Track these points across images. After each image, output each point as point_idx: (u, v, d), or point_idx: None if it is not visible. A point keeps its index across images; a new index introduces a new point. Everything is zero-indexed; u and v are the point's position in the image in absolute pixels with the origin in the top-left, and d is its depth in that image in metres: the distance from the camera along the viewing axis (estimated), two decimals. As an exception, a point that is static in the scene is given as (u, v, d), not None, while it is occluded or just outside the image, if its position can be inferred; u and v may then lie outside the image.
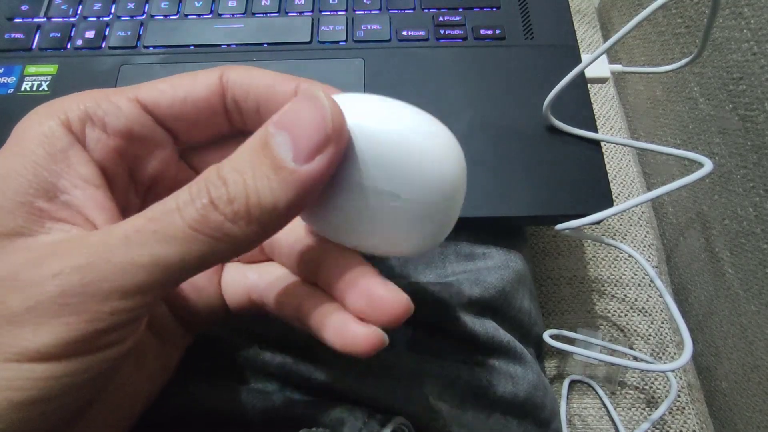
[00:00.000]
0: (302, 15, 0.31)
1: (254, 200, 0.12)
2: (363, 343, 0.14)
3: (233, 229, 0.12)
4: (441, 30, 0.30)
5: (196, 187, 0.12)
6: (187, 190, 0.12)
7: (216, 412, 0.19)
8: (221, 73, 0.16)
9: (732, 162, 0.31)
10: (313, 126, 0.12)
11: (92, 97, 0.15)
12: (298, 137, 0.12)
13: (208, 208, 0.12)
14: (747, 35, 0.29)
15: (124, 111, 0.15)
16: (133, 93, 0.15)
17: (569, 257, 0.36)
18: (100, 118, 0.15)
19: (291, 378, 0.21)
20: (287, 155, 0.12)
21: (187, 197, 0.12)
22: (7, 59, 0.30)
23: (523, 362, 0.25)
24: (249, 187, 0.12)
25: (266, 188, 0.12)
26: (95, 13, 0.31)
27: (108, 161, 0.15)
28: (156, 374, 0.17)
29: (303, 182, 0.12)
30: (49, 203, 0.13)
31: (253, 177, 0.12)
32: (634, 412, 0.32)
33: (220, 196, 0.12)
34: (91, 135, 0.14)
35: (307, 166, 0.12)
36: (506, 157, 0.27)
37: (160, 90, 0.15)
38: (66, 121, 0.14)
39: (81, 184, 0.14)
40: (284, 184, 0.12)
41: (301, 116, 0.12)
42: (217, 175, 0.12)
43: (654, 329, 0.34)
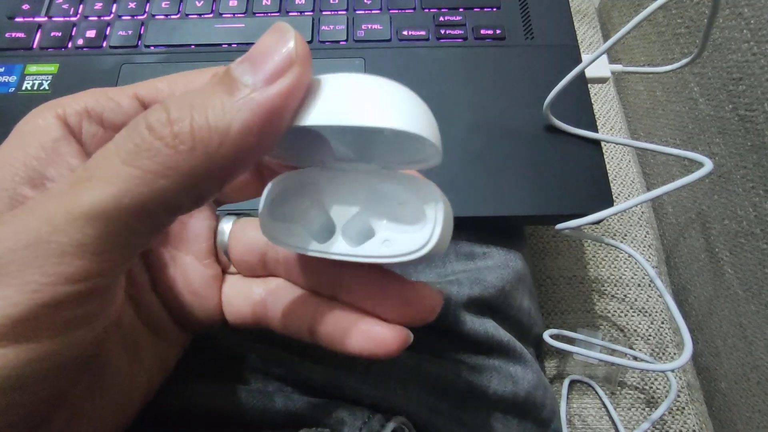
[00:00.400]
0: (303, 14, 0.31)
1: (201, 120, 0.10)
2: (392, 342, 0.14)
3: (173, 156, 0.10)
4: (441, 30, 0.31)
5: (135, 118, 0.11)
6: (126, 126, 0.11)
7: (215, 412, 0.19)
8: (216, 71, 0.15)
9: (732, 162, 0.31)
10: (276, 49, 0.11)
11: (92, 95, 0.15)
12: (258, 61, 0.11)
13: (144, 134, 0.10)
14: (747, 35, 0.29)
15: (122, 106, 0.15)
16: (132, 90, 0.15)
17: (569, 257, 0.36)
18: (98, 114, 0.15)
19: (291, 378, 0.21)
20: (246, 79, 0.11)
21: (124, 131, 0.11)
22: (8, 58, 0.30)
23: (523, 362, 0.25)
24: (196, 106, 0.11)
25: (218, 108, 0.11)
26: (96, 13, 0.31)
27: None
28: (153, 370, 0.17)
29: (262, 103, 0.11)
30: (33, 190, 0.13)
31: (202, 99, 0.11)
32: (634, 412, 0.32)
33: (159, 118, 0.11)
34: (87, 129, 0.14)
35: (267, 87, 0.11)
36: (506, 157, 0.27)
37: (158, 88, 0.15)
38: (63, 115, 0.14)
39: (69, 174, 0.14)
40: (240, 104, 0.11)
41: (263, 43, 0.11)
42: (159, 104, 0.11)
43: (654, 329, 0.34)
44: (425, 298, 0.15)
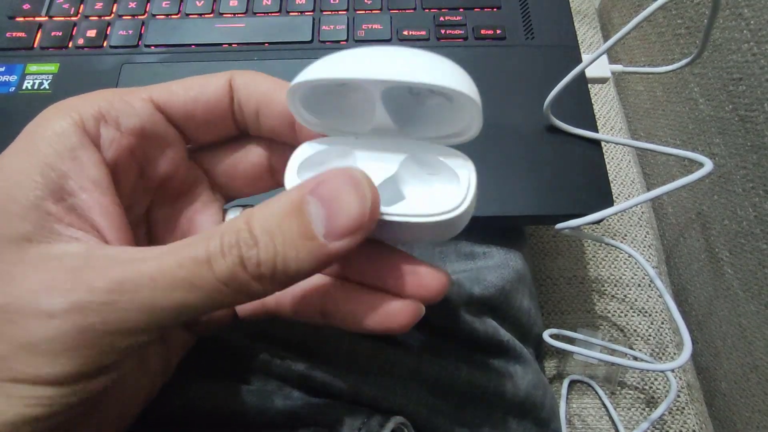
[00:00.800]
0: (303, 14, 0.31)
1: (281, 267, 0.13)
2: (405, 315, 0.15)
3: (255, 286, 0.13)
4: (441, 30, 0.31)
5: (227, 239, 0.13)
6: (219, 242, 0.13)
7: (215, 411, 0.19)
8: (231, 76, 0.16)
9: (732, 162, 0.31)
10: (352, 211, 0.13)
11: (105, 97, 0.15)
12: (333, 215, 0.13)
13: (238, 267, 0.13)
14: (747, 36, 0.29)
15: (137, 110, 0.15)
16: (146, 93, 0.15)
17: (569, 257, 0.36)
18: (113, 118, 0.15)
19: (290, 377, 0.21)
20: (319, 229, 0.13)
21: (218, 249, 0.13)
22: (9, 58, 0.30)
23: (523, 361, 0.25)
24: (278, 254, 0.13)
25: (293, 258, 0.13)
26: (97, 12, 0.31)
27: (120, 160, 0.15)
28: (157, 374, 0.17)
29: (328, 256, 0.13)
30: (56, 205, 0.13)
31: (282, 243, 0.13)
32: (634, 412, 0.32)
33: (251, 257, 0.13)
34: (105, 134, 0.15)
35: (335, 243, 0.13)
36: (507, 157, 0.27)
37: (172, 91, 0.16)
38: (79, 120, 0.14)
39: (89, 186, 0.14)
40: (310, 255, 0.13)
41: (341, 197, 0.13)
42: (249, 233, 0.13)
43: (654, 329, 0.34)
44: (434, 275, 0.15)
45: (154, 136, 0.16)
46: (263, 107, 0.16)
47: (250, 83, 0.16)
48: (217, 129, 0.17)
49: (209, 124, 0.17)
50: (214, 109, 0.16)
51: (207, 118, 0.16)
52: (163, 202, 0.17)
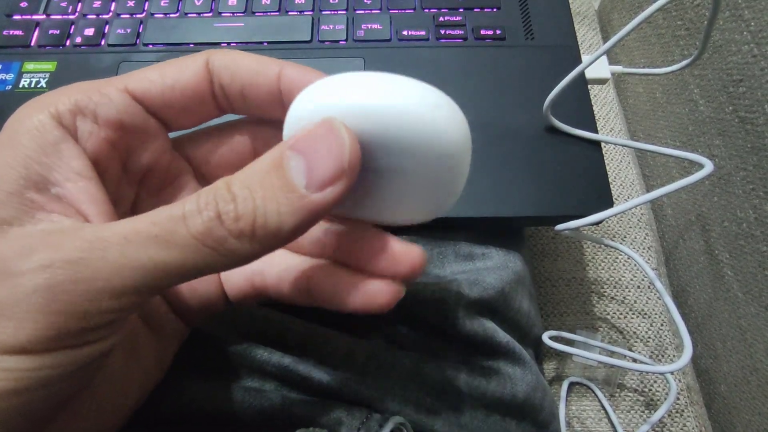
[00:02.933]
0: (302, 14, 0.31)
1: (261, 221, 0.12)
2: (385, 294, 0.15)
3: (235, 244, 0.12)
4: (441, 30, 0.30)
5: (204, 197, 0.12)
6: (195, 200, 0.12)
7: (213, 411, 0.19)
8: (207, 58, 0.16)
9: (732, 164, 0.31)
10: (331, 158, 0.13)
11: (82, 90, 0.15)
12: (313, 165, 0.13)
13: (215, 222, 0.12)
14: (747, 37, 0.29)
15: (114, 102, 0.15)
16: (122, 83, 0.15)
17: (568, 259, 0.36)
18: (91, 110, 0.15)
19: (288, 377, 0.20)
20: (300, 181, 0.12)
21: (194, 207, 0.12)
22: (6, 56, 0.29)
23: (522, 363, 0.25)
24: (258, 207, 0.12)
25: (274, 211, 0.12)
26: (95, 11, 0.31)
27: (100, 153, 0.15)
28: (150, 368, 0.17)
29: (311, 210, 0.13)
30: (40, 195, 0.13)
31: (263, 197, 0.12)
32: (633, 415, 0.31)
33: (228, 211, 0.12)
34: (82, 127, 0.14)
35: (317, 194, 0.12)
36: (506, 158, 0.26)
37: (149, 79, 0.15)
38: (56, 114, 0.14)
39: (73, 176, 0.14)
40: (292, 209, 0.12)
41: (319, 145, 0.13)
42: (227, 189, 0.12)
43: (653, 331, 0.34)
44: (413, 253, 0.15)
45: (133, 127, 0.15)
46: (249, 86, 0.16)
47: (231, 64, 0.16)
48: (197, 113, 0.17)
49: (188, 110, 0.16)
50: (193, 95, 0.16)
51: (185, 104, 0.16)
52: (148, 195, 0.17)
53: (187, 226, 0.12)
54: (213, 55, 0.16)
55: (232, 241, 0.12)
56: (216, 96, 0.16)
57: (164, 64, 0.16)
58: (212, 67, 0.16)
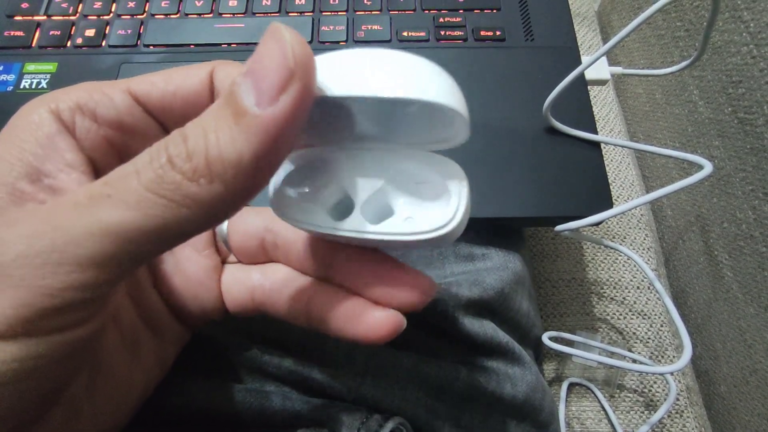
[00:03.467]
0: (303, 15, 0.31)
1: (214, 153, 0.11)
2: (385, 326, 0.14)
3: (193, 188, 0.11)
4: (441, 31, 0.31)
5: (156, 146, 0.12)
6: (147, 151, 0.12)
7: (214, 411, 0.19)
8: (212, 68, 0.15)
9: (731, 165, 0.31)
10: (273, 63, 0.11)
11: (84, 89, 0.15)
12: (259, 79, 0.11)
13: (166, 167, 0.11)
14: (746, 38, 0.29)
15: (115, 102, 0.15)
16: (125, 84, 0.15)
17: (568, 260, 0.36)
18: (90, 109, 0.14)
19: (289, 378, 0.20)
20: (249, 100, 0.11)
21: (146, 158, 0.11)
22: (7, 57, 0.29)
23: (522, 364, 0.25)
24: (209, 140, 0.11)
25: (227, 138, 0.11)
26: (96, 12, 0.31)
27: (97, 151, 0.15)
28: (151, 369, 0.17)
29: (267, 127, 0.11)
30: (31, 185, 0.13)
31: (215, 129, 0.11)
32: (633, 416, 0.31)
33: (179, 153, 0.11)
34: (81, 124, 0.14)
35: (270, 108, 0.11)
36: (506, 158, 0.27)
37: (152, 82, 0.15)
38: (56, 110, 0.14)
39: (66, 169, 0.14)
40: (247, 131, 0.11)
41: (262, 56, 0.11)
42: (179, 133, 0.12)
43: (653, 332, 0.34)
44: (419, 283, 0.15)
45: (133, 128, 0.15)
46: None
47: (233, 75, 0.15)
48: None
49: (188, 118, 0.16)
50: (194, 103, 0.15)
51: (186, 111, 0.16)
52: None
53: (139, 179, 0.11)
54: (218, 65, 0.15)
55: (188, 185, 0.11)
56: None
57: (172, 70, 0.15)
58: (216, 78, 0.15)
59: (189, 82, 0.15)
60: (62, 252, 0.11)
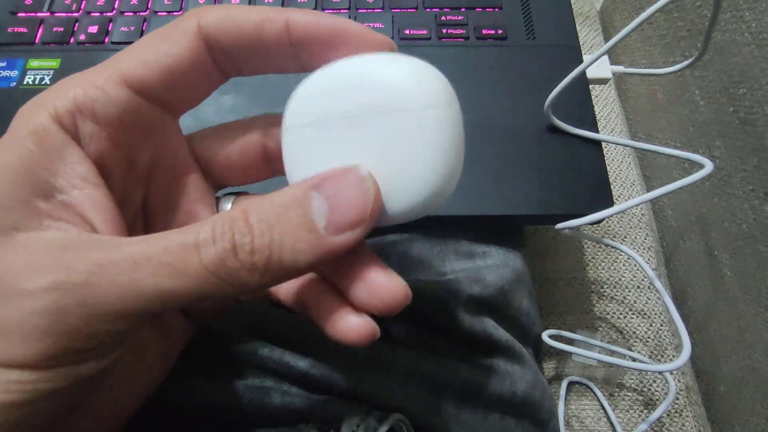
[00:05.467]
0: (305, 13, 0.31)
1: (276, 257, 0.12)
2: (356, 332, 0.15)
3: (246, 277, 0.12)
4: (443, 29, 0.31)
5: (220, 227, 0.12)
6: (211, 228, 0.12)
7: (214, 407, 0.19)
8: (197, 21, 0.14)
9: (732, 165, 0.31)
10: (354, 206, 0.13)
11: (78, 84, 0.14)
12: (336, 209, 0.13)
13: (229, 254, 0.12)
14: (748, 38, 0.29)
15: (113, 98, 0.14)
16: (117, 71, 0.14)
17: (569, 258, 0.36)
18: (89, 108, 0.14)
19: (289, 374, 0.20)
20: (320, 222, 0.12)
21: (209, 236, 0.12)
22: (11, 53, 0.30)
23: (522, 361, 0.25)
24: (274, 242, 0.12)
25: (290, 248, 0.12)
26: (99, 9, 0.31)
27: (104, 153, 0.14)
28: (155, 366, 0.17)
29: (327, 251, 0.13)
30: (46, 203, 0.13)
31: (280, 233, 0.12)
32: (632, 414, 0.31)
33: (244, 244, 0.12)
34: (83, 128, 0.14)
35: (336, 237, 0.13)
36: (507, 156, 0.27)
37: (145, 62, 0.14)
38: (56, 115, 0.14)
39: (79, 183, 0.14)
40: (309, 247, 0.12)
41: (344, 191, 0.13)
42: (244, 220, 0.12)
43: (653, 331, 0.34)
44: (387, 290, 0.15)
45: (135, 122, 0.15)
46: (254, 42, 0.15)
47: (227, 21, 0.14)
48: (201, 87, 0.16)
49: (191, 88, 0.16)
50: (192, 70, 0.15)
51: (188, 83, 0.15)
52: (157, 192, 0.17)
53: (200, 256, 0.12)
54: (203, 15, 0.14)
55: (245, 274, 0.12)
56: (217, 62, 0.15)
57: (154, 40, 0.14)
58: (207, 30, 0.14)
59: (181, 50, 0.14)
60: (112, 305, 0.12)
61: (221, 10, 0.14)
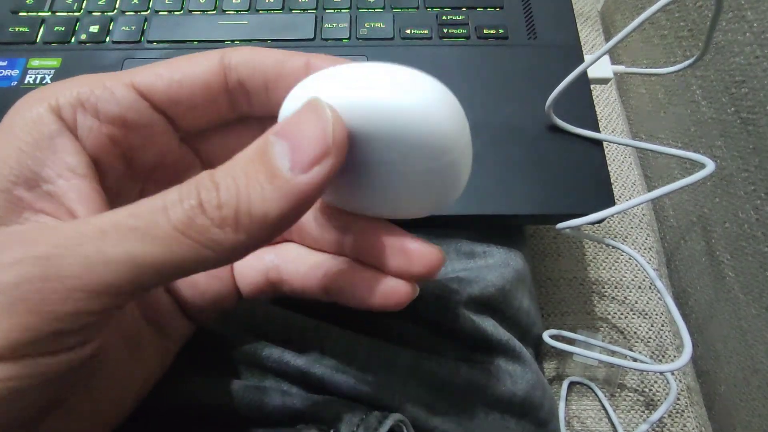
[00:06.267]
0: (306, 12, 0.31)
1: (244, 207, 0.12)
2: (399, 294, 0.15)
3: (219, 235, 0.12)
4: (444, 29, 0.31)
5: (186, 188, 0.12)
6: (177, 191, 0.12)
7: (212, 406, 0.19)
8: (222, 54, 0.15)
9: (733, 165, 0.31)
10: (314, 137, 0.12)
11: (86, 83, 0.14)
12: (297, 147, 0.12)
13: (196, 211, 0.12)
14: (750, 38, 0.29)
15: (117, 97, 0.14)
16: (129, 77, 0.15)
17: (569, 258, 0.36)
18: (92, 105, 0.14)
19: (289, 373, 0.20)
20: (284, 164, 0.12)
21: (175, 197, 0.12)
22: (12, 52, 0.30)
23: (522, 361, 0.25)
24: (241, 194, 0.12)
25: (258, 196, 0.12)
26: (100, 8, 0.31)
27: (101, 149, 0.14)
28: (152, 367, 0.17)
29: (297, 193, 0.12)
30: (29, 192, 0.13)
31: (246, 184, 0.12)
32: (633, 415, 0.31)
33: (210, 199, 0.12)
34: (82, 122, 0.14)
35: (303, 176, 0.12)
36: (508, 156, 0.27)
37: (157, 74, 0.15)
38: (56, 107, 0.14)
39: (66, 173, 0.13)
40: (278, 193, 0.12)
41: (302, 126, 0.12)
42: (209, 179, 0.12)
43: (654, 332, 0.34)
44: (429, 253, 0.15)
45: (137, 124, 0.15)
46: (274, 79, 0.15)
47: (251, 58, 0.15)
48: (207, 112, 0.16)
49: (197, 108, 0.16)
50: (202, 91, 0.15)
51: (194, 102, 0.15)
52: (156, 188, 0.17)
53: (168, 216, 0.11)
54: (231, 51, 0.15)
55: (216, 231, 0.12)
56: (231, 93, 0.16)
57: (177, 59, 0.15)
58: (229, 63, 0.15)
59: (196, 70, 0.15)
60: (77, 278, 0.11)
61: (248, 48, 0.16)
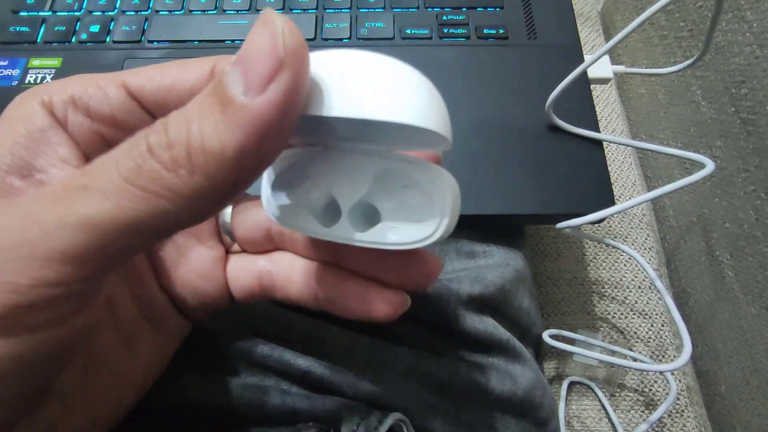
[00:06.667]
0: (306, 12, 0.31)
1: (196, 143, 0.10)
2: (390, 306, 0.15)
3: (172, 180, 0.10)
4: (444, 29, 0.31)
5: (136, 135, 0.11)
6: (128, 140, 0.11)
7: (211, 405, 0.19)
8: (215, 62, 0.14)
9: (733, 165, 0.31)
10: (264, 51, 0.10)
11: (80, 82, 0.14)
12: (248, 67, 0.10)
13: (145, 156, 0.10)
14: (750, 39, 0.29)
15: (109, 96, 0.14)
16: (122, 78, 0.14)
17: (569, 258, 0.36)
18: (84, 103, 0.14)
19: (289, 372, 0.20)
20: (237, 89, 0.10)
21: (125, 146, 0.11)
22: (12, 52, 0.30)
23: (522, 361, 0.25)
24: (192, 131, 0.10)
25: (211, 128, 0.10)
26: (100, 8, 0.31)
27: (91, 146, 0.14)
28: (149, 364, 0.17)
29: (254, 117, 0.10)
30: (22, 181, 0.13)
31: (198, 118, 0.10)
32: (633, 415, 0.31)
33: (159, 141, 0.10)
34: (73, 119, 0.14)
35: (258, 98, 0.10)
36: (508, 156, 0.27)
37: (148, 77, 0.14)
38: (48, 102, 0.14)
39: (59, 164, 0.13)
40: (232, 121, 0.10)
41: (252, 44, 0.10)
42: (161, 123, 0.11)
43: (654, 332, 0.34)
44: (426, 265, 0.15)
45: (127, 124, 0.15)
46: None
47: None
48: None
49: None
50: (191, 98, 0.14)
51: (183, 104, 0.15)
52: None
53: (117, 168, 0.10)
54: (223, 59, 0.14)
55: (168, 176, 0.10)
56: None
57: (170, 63, 0.15)
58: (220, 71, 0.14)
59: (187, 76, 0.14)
60: (33, 246, 0.10)
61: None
